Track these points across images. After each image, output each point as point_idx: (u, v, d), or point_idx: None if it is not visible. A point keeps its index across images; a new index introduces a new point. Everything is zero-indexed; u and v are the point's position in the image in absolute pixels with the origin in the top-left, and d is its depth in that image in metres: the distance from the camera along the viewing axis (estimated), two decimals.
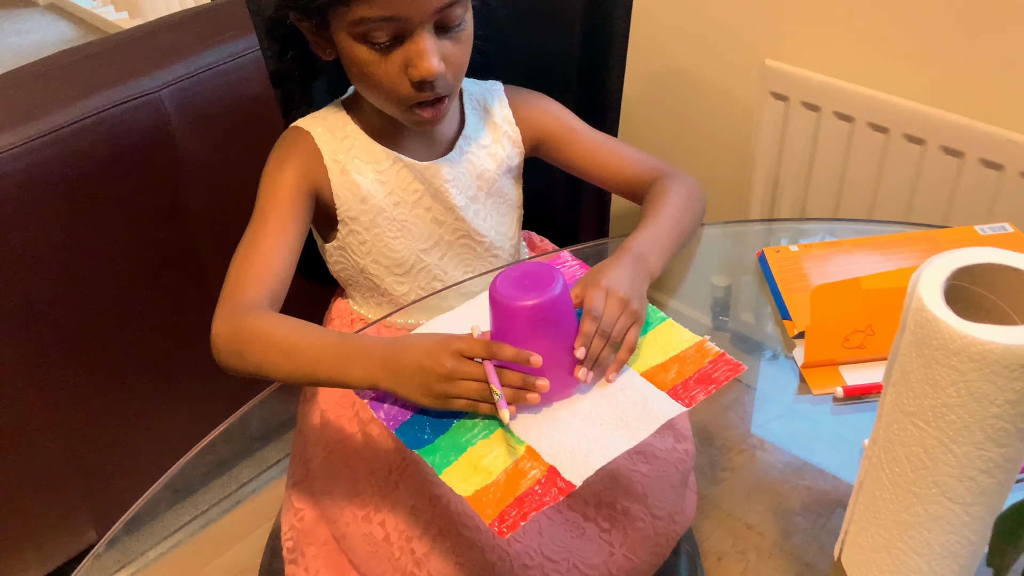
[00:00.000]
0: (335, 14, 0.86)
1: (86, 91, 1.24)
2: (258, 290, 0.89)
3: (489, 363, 0.76)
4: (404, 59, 0.87)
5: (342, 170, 0.96)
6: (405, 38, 0.86)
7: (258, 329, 0.85)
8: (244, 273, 0.91)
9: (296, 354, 0.83)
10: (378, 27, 0.85)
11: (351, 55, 0.89)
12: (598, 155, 1.04)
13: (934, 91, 1.29)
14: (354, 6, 0.83)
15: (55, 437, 1.41)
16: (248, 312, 0.87)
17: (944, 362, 0.49)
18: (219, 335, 0.88)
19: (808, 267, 0.91)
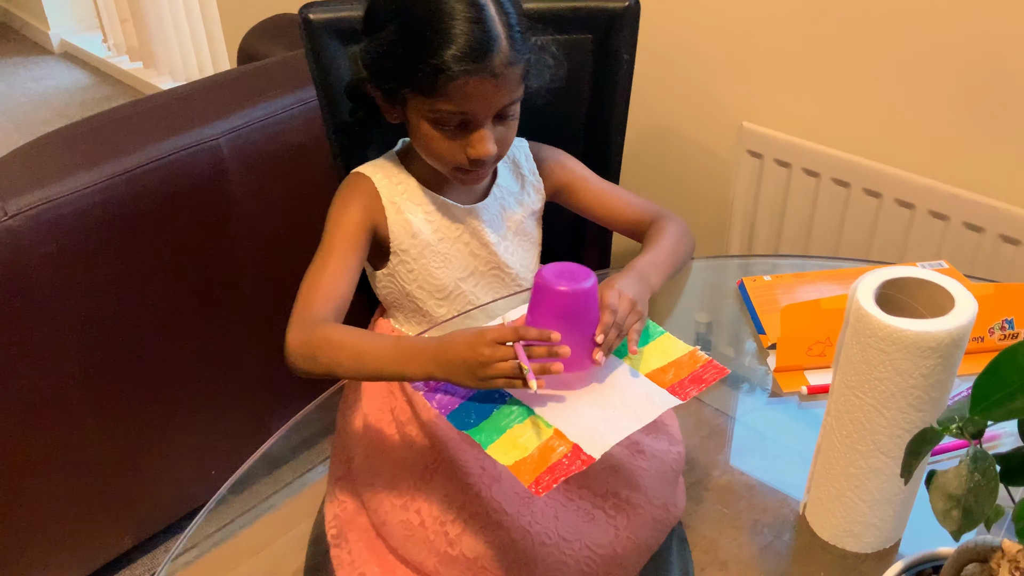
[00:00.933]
0: (413, 99, 1.05)
1: (156, 137, 1.42)
2: (325, 307, 1.06)
3: (518, 344, 0.91)
4: (465, 141, 1.06)
5: (397, 210, 1.15)
6: (468, 125, 1.05)
7: (329, 337, 1.01)
8: (314, 293, 1.07)
9: (362, 356, 0.99)
10: (449, 117, 1.04)
11: (419, 129, 1.07)
12: (606, 201, 1.24)
13: (890, 152, 1.47)
14: (433, 100, 1.02)
15: (102, 448, 1.54)
16: (318, 324, 1.03)
17: (876, 346, 0.68)
18: (293, 344, 1.03)
19: (779, 293, 1.10)
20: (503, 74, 1.01)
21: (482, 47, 0.99)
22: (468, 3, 1.00)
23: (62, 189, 1.32)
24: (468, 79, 1.00)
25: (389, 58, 1.03)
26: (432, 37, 0.99)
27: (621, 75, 1.29)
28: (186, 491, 1.77)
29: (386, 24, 1.04)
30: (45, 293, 1.34)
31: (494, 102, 1.04)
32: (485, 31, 0.99)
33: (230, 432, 1.76)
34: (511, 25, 1.02)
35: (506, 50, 1.01)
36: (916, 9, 1.35)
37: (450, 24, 0.98)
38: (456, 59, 0.98)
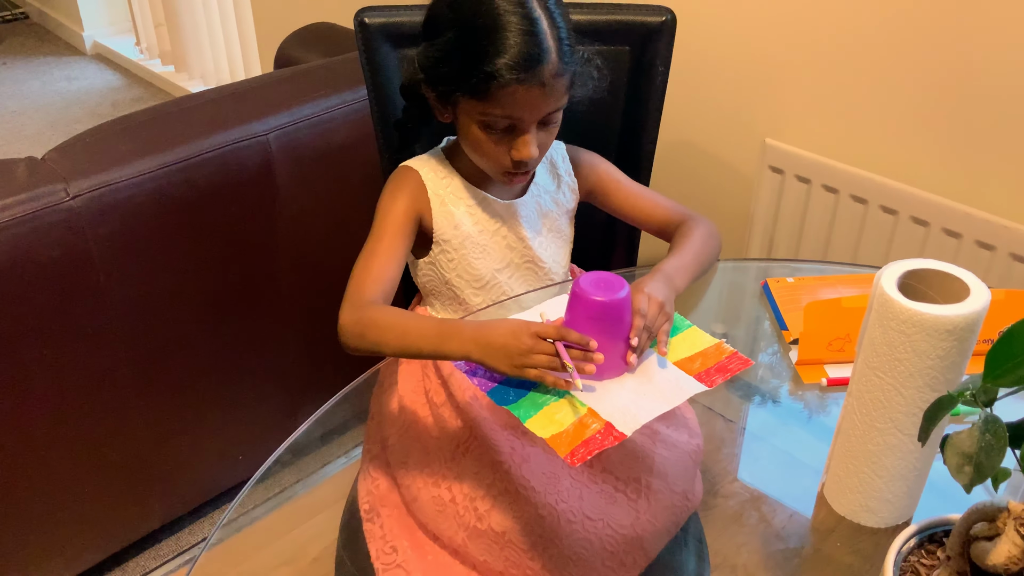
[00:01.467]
0: (465, 102, 1.12)
1: (208, 130, 1.48)
2: (375, 289, 1.12)
3: (559, 343, 0.98)
4: (510, 143, 1.13)
5: (441, 202, 1.22)
6: (514, 129, 1.12)
7: (376, 317, 1.08)
8: (365, 276, 1.14)
9: (406, 335, 1.05)
10: (497, 121, 1.11)
11: (468, 130, 1.14)
12: (637, 202, 1.31)
13: (906, 171, 1.53)
14: (484, 104, 1.09)
15: (143, 427, 1.59)
16: (368, 305, 1.10)
17: (897, 328, 0.74)
18: (346, 323, 1.09)
19: (801, 293, 1.17)
20: (551, 84, 1.09)
21: (533, 58, 1.06)
22: (523, 16, 1.07)
23: (120, 175, 1.39)
24: (518, 87, 1.07)
25: (445, 63, 1.10)
26: (488, 46, 1.06)
27: (655, 86, 1.36)
28: (214, 475, 1.82)
29: (444, 31, 1.11)
30: (100, 274, 1.40)
31: (540, 109, 1.11)
32: (537, 43, 1.07)
33: (259, 419, 1.81)
34: (561, 39, 1.09)
35: (555, 62, 1.08)
36: (937, 34, 1.42)
37: (505, 35, 1.06)
38: (509, 68, 1.05)
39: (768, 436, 1.11)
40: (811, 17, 1.55)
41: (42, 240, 1.32)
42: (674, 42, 1.36)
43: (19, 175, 1.34)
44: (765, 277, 1.27)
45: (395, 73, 1.34)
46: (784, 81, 1.64)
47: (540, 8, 1.08)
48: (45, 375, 1.41)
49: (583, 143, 1.31)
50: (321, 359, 1.81)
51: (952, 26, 1.40)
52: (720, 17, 1.67)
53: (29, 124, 3.60)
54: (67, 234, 1.34)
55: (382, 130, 1.35)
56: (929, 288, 0.78)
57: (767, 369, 1.14)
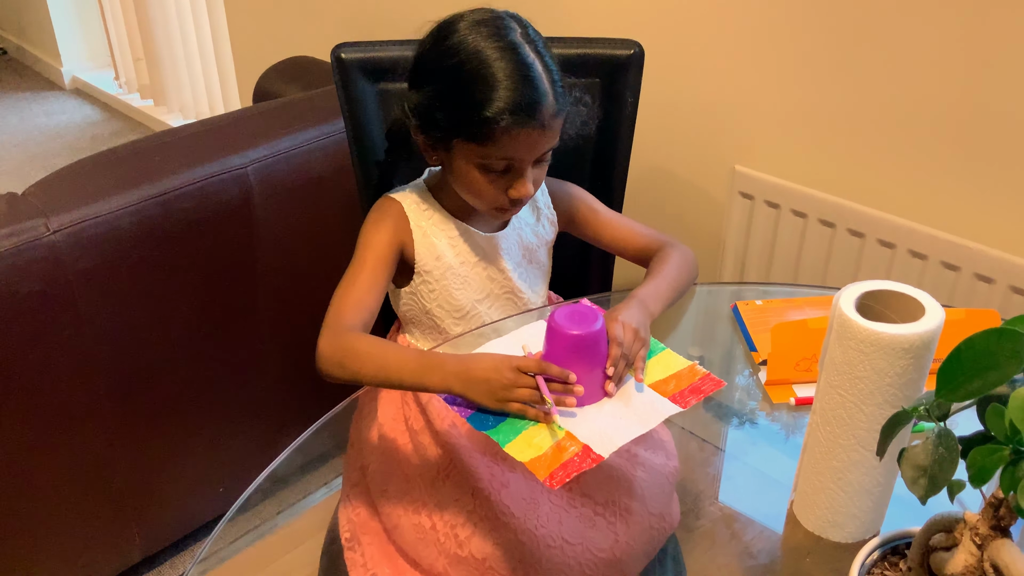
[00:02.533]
0: (462, 146, 1.14)
1: (188, 163, 1.50)
2: (354, 317, 1.14)
3: (540, 378, 1.00)
4: (508, 182, 1.16)
5: (423, 233, 1.24)
6: (511, 169, 1.15)
7: (356, 346, 1.10)
8: (344, 303, 1.15)
9: (386, 366, 1.07)
10: (496, 162, 1.14)
11: (463, 172, 1.17)
12: (615, 231, 1.34)
13: (873, 195, 1.56)
14: (483, 147, 1.12)
15: (119, 459, 1.59)
16: (347, 332, 1.11)
17: (856, 348, 0.77)
18: (324, 350, 1.11)
19: (769, 316, 1.20)
20: (549, 124, 1.12)
21: (532, 102, 1.10)
22: (518, 62, 1.10)
23: (100, 209, 1.40)
24: (520, 130, 1.10)
25: (441, 109, 1.13)
26: (487, 92, 1.09)
27: (626, 116, 1.40)
28: (195, 507, 1.83)
29: (437, 79, 1.14)
30: (80, 307, 1.42)
31: (539, 149, 1.14)
32: (534, 87, 1.10)
33: (238, 450, 1.81)
34: (554, 81, 1.13)
35: (552, 104, 1.12)
36: (900, 61, 1.46)
37: (503, 80, 1.09)
38: (510, 112, 1.08)
39: (743, 456, 1.14)
40: (776, 46, 1.60)
41: (23, 275, 1.33)
42: (643, 73, 1.40)
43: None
44: (737, 300, 1.30)
45: (372, 107, 1.37)
46: (752, 109, 1.68)
47: (533, 53, 1.12)
48: (25, 408, 1.42)
49: (557, 172, 1.34)
50: (300, 390, 1.81)
51: (914, 53, 1.44)
52: (687, 48, 1.71)
53: (8, 159, 3.60)
54: (48, 268, 1.36)
55: (360, 163, 1.38)
56: (886, 308, 0.81)
57: (742, 391, 1.17)
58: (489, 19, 1.13)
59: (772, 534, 1.00)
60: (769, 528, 1.01)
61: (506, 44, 1.10)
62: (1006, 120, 1.38)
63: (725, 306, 1.34)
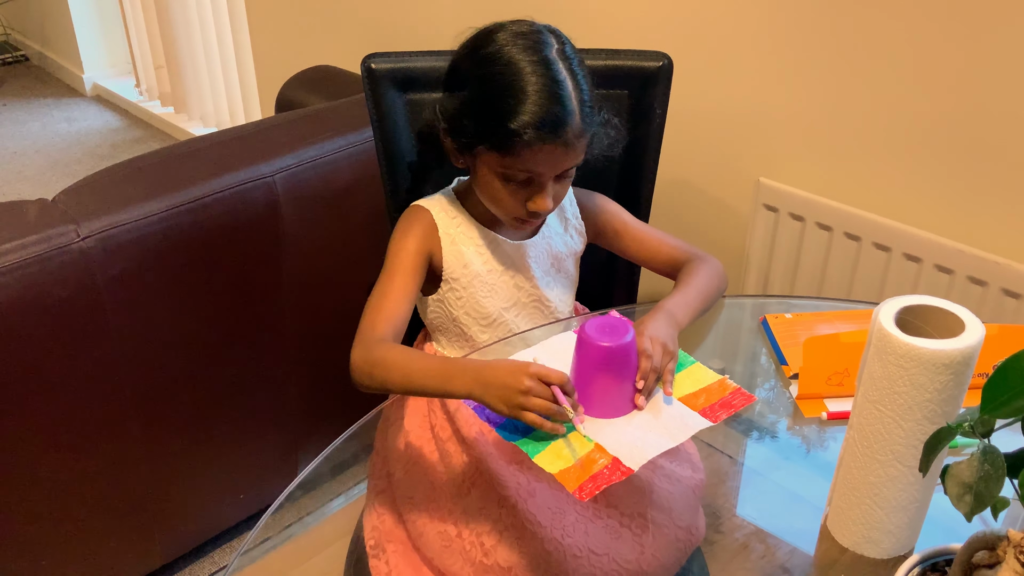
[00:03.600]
0: (486, 154, 1.14)
1: (216, 171, 1.51)
2: (386, 328, 1.14)
3: (556, 388, 0.99)
4: (527, 194, 1.16)
5: (452, 241, 1.24)
6: (532, 181, 1.15)
7: (384, 357, 1.10)
8: (377, 315, 1.16)
9: (411, 374, 1.08)
10: (517, 174, 1.14)
11: (486, 179, 1.17)
12: (644, 243, 1.34)
13: (899, 209, 1.55)
14: (505, 158, 1.12)
15: (147, 464, 1.60)
16: (378, 344, 1.12)
17: (895, 363, 0.77)
18: (356, 362, 1.11)
19: (799, 329, 1.19)
20: (572, 143, 1.13)
21: (558, 119, 1.10)
22: (550, 78, 1.10)
23: (129, 216, 1.41)
24: (543, 145, 1.10)
25: (469, 116, 1.14)
26: (514, 104, 1.09)
27: (653, 128, 1.40)
28: (215, 514, 1.83)
29: (469, 84, 1.15)
30: (108, 314, 1.42)
31: (560, 166, 1.14)
32: (562, 105, 1.10)
33: (259, 458, 1.82)
34: (583, 101, 1.13)
35: (578, 124, 1.12)
36: (926, 74, 1.46)
37: (532, 94, 1.09)
38: (534, 127, 1.09)
39: (768, 471, 1.13)
40: (801, 59, 1.60)
41: (53, 280, 1.34)
42: (671, 86, 1.40)
43: (30, 216, 1.37)
44: (762, 313, 1.29)
45: (401, 117, 1.37)
46: (776, 121, 1.68)
47: (566, 70, 1.12)
48: (54, 413, 1.43)
49: (584, 183, 1.35)
50: (322, 399, 1.82)
51: (941, 66, 1.44)
52: (715, 61, 1.72)
53: (30, 165, 3.63)
54: (77, 274, 1.37)
55: (388, 173, 1.38)
56: (925, 324, 0.81)
57: (766, 404, 1.16)
58: (529, 32, 1.13)
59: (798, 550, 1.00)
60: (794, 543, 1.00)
61: (541, 59, 1.11)
62: None
63: (749, 319, 1.34)
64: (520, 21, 1.15)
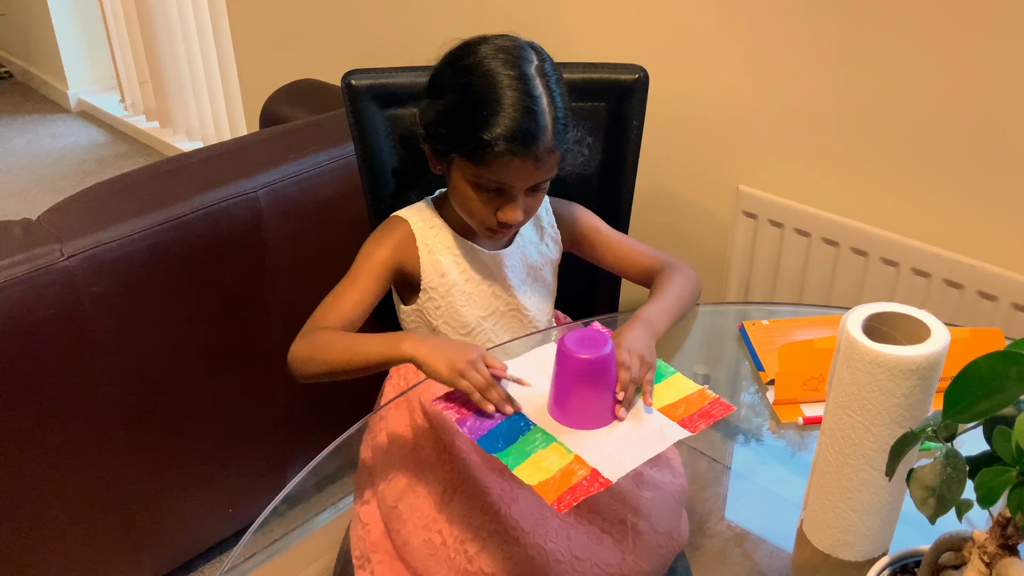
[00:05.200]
0: (459, 162, 1.17)
1: (200, 188, 1.51)
2: (335, 324, 1.18)
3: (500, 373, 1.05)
4: (498, 204, 1.18)
5: (429, 251, 1.26)
6: (503, 193, 1.17)
7: (325, 337, 1.15)
8: (327, 313, 1.19)
9: (354, 346, 1.12)
10: (488, 183, 1.16)
11: (458, 186, 1.20)
12: (619, 252, 1.36)
13: (876, 214, 1.57)
14: (477, 168, 1.15)
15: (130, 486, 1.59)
16: (319, 330, 1.16)
17: (864, 369, 0.79)
18: (295, 351, 1.15)
19: (776, 336, 1.21)
20: (543, 158, 1.15)
21: (530, 133, 1.12)
22: (525, 93, 1.13)
23: (114, 234, 1.41)
24: (513, 158, 1.13)
25: (445, 124, 1.16)
26: (488, 116, 1.12)
27: (631, 139, 1.42)
28: (203, 529, 1.83)
29: (447, 92, 1.17)
30: (94, 332, 1.43)
31: (530, 179, 1.17)
32: (534, 120, 1.13)
33: (248, 473, 1.81)
34: (557, 118, 1.15)
35: (549, 139, 1.14)
36: (903, 81, 1.48)
37: (505, 107, 1.12)
38: (505, 139, 1.11)
39: (751, 474, 1.15)
40: (778, 67, 1.62)
41: (38, 299, 1.35)
42: (647, 97, 1.42)
43: (15, 236, 1.38)
44: (743, 320, 1.31)
45: (382, 133, 1.39)
46: (755, 130, 1.69)
47: (543, 87, 1.15)
48: (40, 432, 1.43)
49: (564, 193, 1.37)
50: (310, 414, 1.82)
51: (917, 71, 1.46)
52: (691, 71, 1.74)
53: (16, 181, 3.62)
54: (62, 293, 1.37)
55: (370, 187, 1.40)
56: (893, 330, 0.82)
57: (748, 409, 1.18)
58: (511, 47, 1.16)
59: (782, 552, 1.01)
60: (779, 546, 1.02)
61: (519, 74, 1.13)
62: (1008, 138, 1.40)
63: (730, 325, 1.36)
64: (504, 36, 1.18)
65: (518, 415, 1.08)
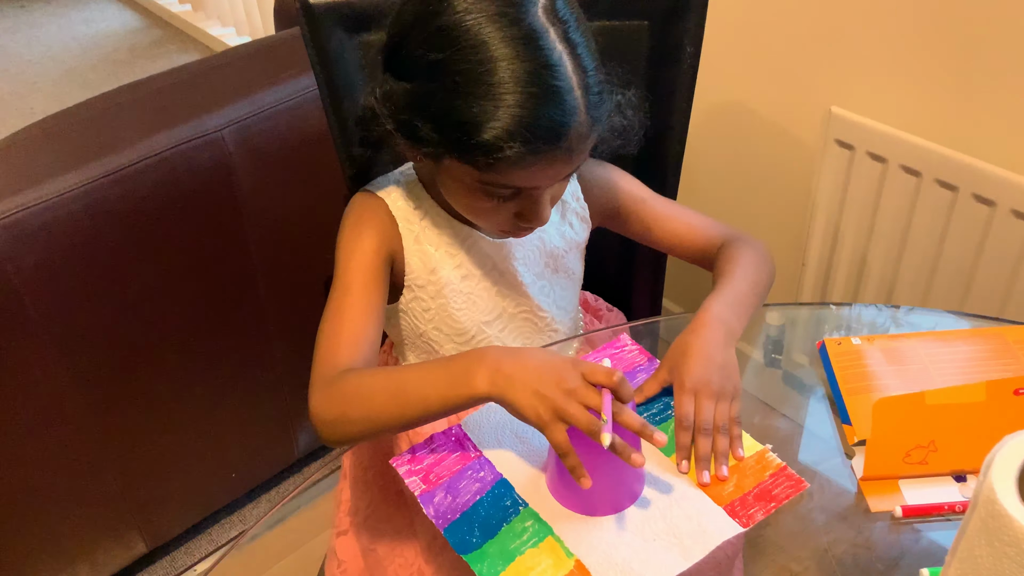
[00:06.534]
0: (454, 165, 0.82)
1: (150, 130, 1.26)
2: (351, 356, 0.87)
3: (607, 393, 0.73)
4: (516, 207, 0.86)
5: (416, 239, 0.96)
6: (521, 193, 0.85)
7: (358, 383, 0.83)
8: (335, 343, 0.88)
9: (403, 390, 0.81)
10: (500, 191, 0.84)
11: (457, 191, 0.87)
12: (668, 225, 1.04)
13: (1008, 152, 1.24)
14: (482, 174, 0.81)
15: (109, 458, 1.44)
16: (343, 375, 0.85)
17: (1016, 559, 0.47)
18: (318, 406, 0.84)
19: (871, 363, 0.88)
20: (576, 148, 0.81)
21: (554, 124, 0.78)
22: (539, 63, 0.77)
23: (41, 193, 1.17)
24: (536, 159, 0.79)
25: (424, 117, 0.81)
26: (487, 107, 0.76)
27: (683, 71, 1.06)
28: (205, 494, 1.69)
29: (421, 73, 0.81)
30: (29, 310, 1.21)
31: (559, 175, 0.84)
32: (558, 102, 0.77)
33: (251, 436, 1.66)
34: (588, 86, 0.80)
35: (583, 123, 0.80)
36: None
37: (513, 92, 0.76)
38: (520, 139, 0.76)
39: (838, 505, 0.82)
40: None
41: None
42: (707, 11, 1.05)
43: None
44: (820, 329, 0.97)
45: (353, 63, 1.06)
46: (853, 36, 1.35)
47: (561, 44, 0.78)
48: None
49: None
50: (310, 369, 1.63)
51: None
52: None
53: (45, 75, 3.45)
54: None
55: (341, 135, 1.08)
56: None
57: (823, 484, 0.82)
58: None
59: None
60: None
61: (522, 32, 0.76)
62: None
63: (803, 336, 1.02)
64: None
65: (504, 485, 0.80)
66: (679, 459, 0.81)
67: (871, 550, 0.75)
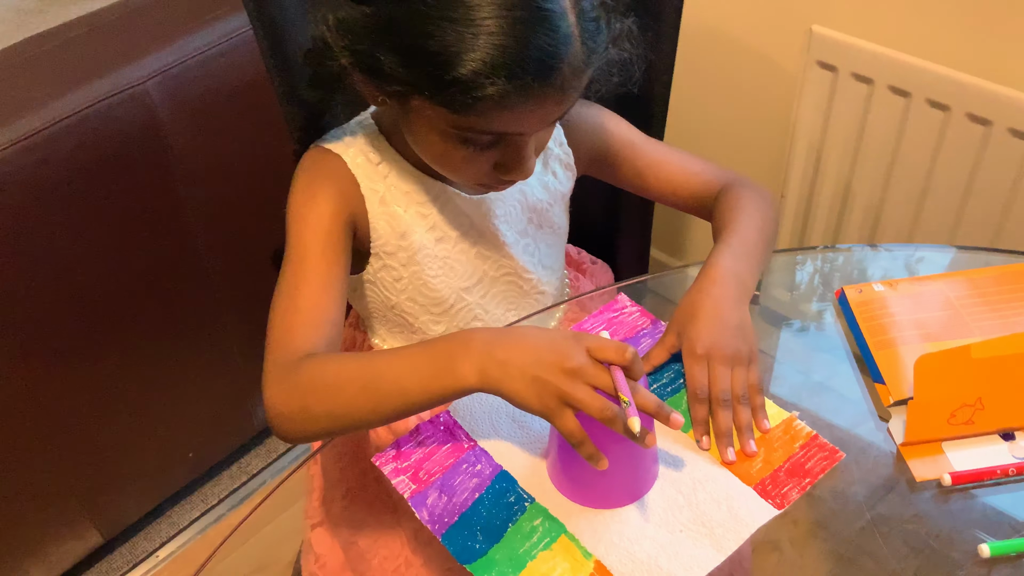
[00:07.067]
0: (425, 106, 0.71)
1: (63, 87, 1.14)
2: (310, 338, 0.76)
3: (618, 370, 0.64)
4: (496, 156, 0.75)
5: (381, 200, 0.84)
6: (502, 140, 0.74)
7: (322, 372, 0.72)
8: (291, 322, 0.77)
9: (377, 381, 0.71)
10: (478, 137, 0.72)
11: (426, 139, 0.76)
12: (662, 172, 0.94)
13: (1004, 68, 1.18)
14: (459, 118, 0.70)
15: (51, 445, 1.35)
16: (303, 362, 0.73)
17: None
18: (275, 399, 0.73)
19: (897, 313, 0.80)
20: (569, 84, 0.70)
21: (545, 56, 0.67)
22: None
23: None
24: (523, 99, 0.68)
25: (387, 50, 0.69)
26: (465, 33, 0.65)
27: None
28: (162, 477, 1.61)
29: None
30: None
31: (548, 118, 0.73)
32: (551, 28, 0.66)
33: (205, 409, 1.57)
34: (584, 11, 0.69)
35: (578, 54, 0.69)
36: None
37: (494, 18, 0.65)
38: (504, 74, 0.65)
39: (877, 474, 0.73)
40: None
41: None
42: None
43: None
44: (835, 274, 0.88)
45: None
46: None
47: None
48: None
49: None
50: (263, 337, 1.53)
51: None
52: None
53: None
54: None
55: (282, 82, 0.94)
56: None
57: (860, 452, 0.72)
58: None
59: None
60: None
61: None
62: None
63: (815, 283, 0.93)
64: None
65: (505, 478, 0.71)
66: (698, 435, 0.73)
67: (921, 524, 0.68)
